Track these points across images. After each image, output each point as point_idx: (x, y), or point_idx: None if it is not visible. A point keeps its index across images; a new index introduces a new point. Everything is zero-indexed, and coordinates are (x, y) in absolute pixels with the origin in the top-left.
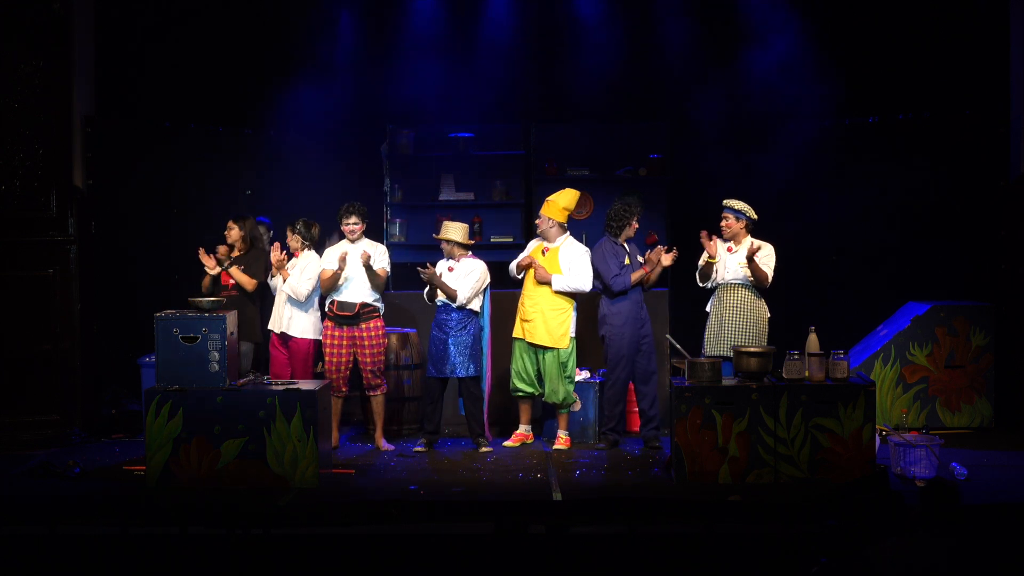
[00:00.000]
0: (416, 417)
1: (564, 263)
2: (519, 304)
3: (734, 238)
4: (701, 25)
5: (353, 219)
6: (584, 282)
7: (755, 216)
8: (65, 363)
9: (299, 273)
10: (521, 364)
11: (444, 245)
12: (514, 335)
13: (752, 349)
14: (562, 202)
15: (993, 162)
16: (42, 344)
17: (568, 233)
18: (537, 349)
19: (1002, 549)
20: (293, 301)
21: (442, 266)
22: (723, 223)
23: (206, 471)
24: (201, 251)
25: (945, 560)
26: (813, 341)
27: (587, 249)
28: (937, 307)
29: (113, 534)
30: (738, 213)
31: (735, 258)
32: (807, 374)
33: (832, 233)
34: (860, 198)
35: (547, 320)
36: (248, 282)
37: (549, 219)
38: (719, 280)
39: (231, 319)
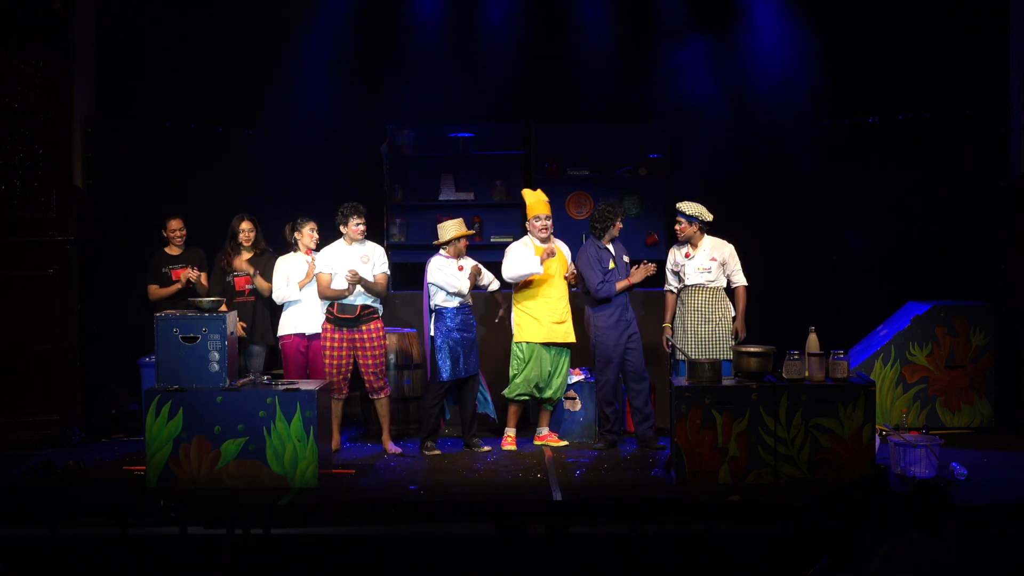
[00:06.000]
0: (417, 417)
1: (569, 260)
2: (538, 307)
3: (689, 241)
4: (702, 24)
5: (363, 220)
6: None
7: (709, 218)
8: (65, 363)
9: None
10: (540, 369)
11: (457, 245)
12: (533, 339)
13: (752, 349)
14: (544, 197)
15: (993, 162)
16: (42, 344)
17: None
18: (554, 348)
19: (1002, 549)
20: (316, 301)
21: (453, 266)
22: (676, 227)
23: (206, 471)
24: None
25: (946, 560)
26: (813, 341)
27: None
28: (937, 307)
29: (113, 534)
30: (689, 217)
31: (694, 263)
32: (807, 374)
33: (832, 233)
34: (860, 198)
35: (570, 320)
36: (267, 287)
37: (551, 217)
38: (682, 284)
39: (231, 319)
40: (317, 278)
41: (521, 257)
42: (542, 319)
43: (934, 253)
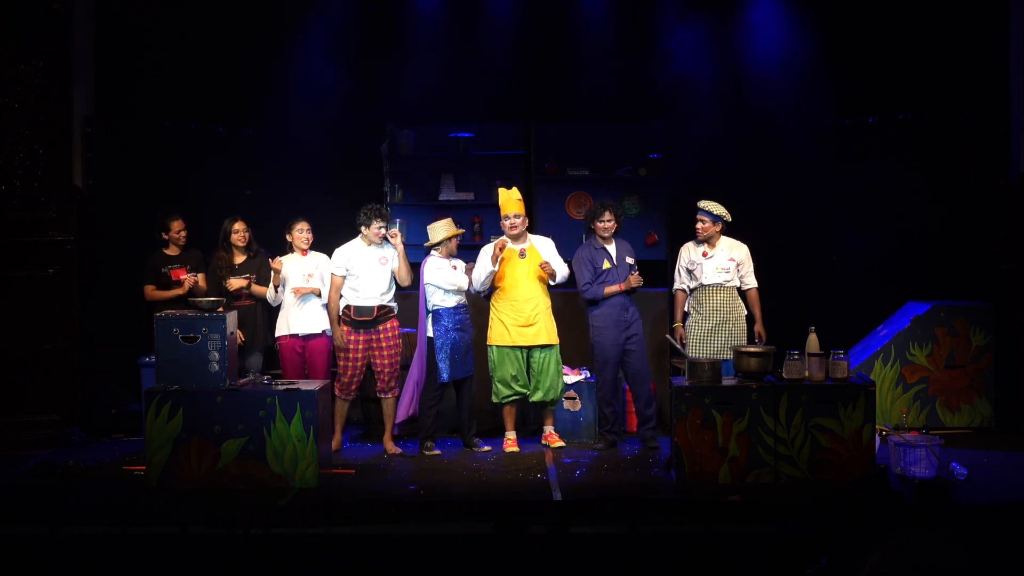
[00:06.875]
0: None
1: (546, 256)
2: (505, 310)
3: (708, 241)
4: (701, 24)
5: (385, 224)
6: (567, 269)
7: (729, 219)
8: (65, 363)
9: (322, 276)
10: (516, 368)
11: (449, 245)
12: (501, 343)
13: (752, 349)
14: (516, 195)
15: (993, 162)
16: (42, 344)
17: None
18: (533, 349)
19: (1002, 549)
20: (311, 302)
21: (448, 265)
22: (698, 225)
23: (206, 471)
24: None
25: (946, 559)
26: (813, 341)
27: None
28: (937, 307)
29: (113, 534)
30: (715, 217)
31: (712, 263)
32: (807, 374)
33: (832, 233)
34: (860, 198)
35: (546, 319)
36: (263, 291)
37: (523, 216)
38: (697, 283)
39: (231, 319)
40: (331, 280)
41: (479, 266)
42: (507, 323)
43: (934, 253)
